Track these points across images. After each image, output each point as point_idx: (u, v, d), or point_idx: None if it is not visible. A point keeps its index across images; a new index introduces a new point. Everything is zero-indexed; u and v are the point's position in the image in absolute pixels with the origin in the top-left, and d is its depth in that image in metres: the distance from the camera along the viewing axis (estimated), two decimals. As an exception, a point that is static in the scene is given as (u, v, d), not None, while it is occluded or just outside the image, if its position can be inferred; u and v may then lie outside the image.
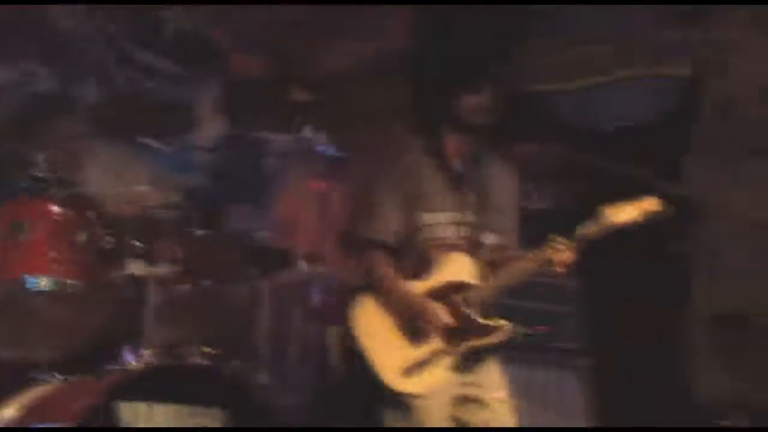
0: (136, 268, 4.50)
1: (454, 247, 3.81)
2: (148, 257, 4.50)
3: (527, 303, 4.80)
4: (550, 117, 5.94)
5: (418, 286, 3.78)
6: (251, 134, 5.78)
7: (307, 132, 5.11)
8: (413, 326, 3.70)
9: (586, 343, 5.05)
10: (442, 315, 3.71)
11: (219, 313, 4.79)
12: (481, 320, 3.72)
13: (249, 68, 5.93)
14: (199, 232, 4.69)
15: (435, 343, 3.69)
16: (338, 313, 4.09)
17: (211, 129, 5.79)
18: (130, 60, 5.68)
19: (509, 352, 4.15)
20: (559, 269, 3.70)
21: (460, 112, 3.81)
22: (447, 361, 3.69)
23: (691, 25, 5.58)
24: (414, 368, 3.66)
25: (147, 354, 4.40)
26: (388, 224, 3.81)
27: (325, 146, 5.26)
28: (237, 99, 5.52)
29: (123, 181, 4.98)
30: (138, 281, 4.52)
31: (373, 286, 3.81)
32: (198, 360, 4.53)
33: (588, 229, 3.69)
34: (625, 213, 3.69)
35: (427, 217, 3.80)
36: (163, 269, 4.52)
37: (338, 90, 5.37)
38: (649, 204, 3.70)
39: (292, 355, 4.75)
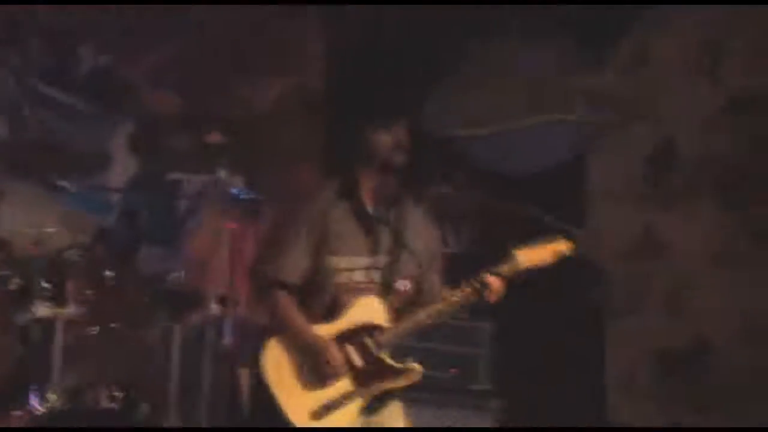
0: (43, 309, 4.52)
1: (365, 291, 3.77)
2: (56, 299, 4.53)
3: (439, 345, 4.87)
4: (464, 162, 5.99)
5: (325, 329, 3.73)
6: (164, 174, 5.74)
7: (221, 173, 5.09)
8: (319, 369, 3.68)
9: (499, 385, 5.11)
10: (350, 357, 3.69)
11: (129, 355, 4.80)
12: (391, 363, 3.72)
13: (162, 106, 5.94)
14: (109, 274, 4.72)
15: (343, 385, 3.68)
16: (249, 355, 4.08)
17: (123, 169, 5.78)
18: (41, 99, 5.68)
19: (422, 394, 4.25)
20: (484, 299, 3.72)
21: (373, 151, 3.79)
22: (356, 403, 3.69)
23: (600, 71, 5.77)
24: (322, 411, 3.65)
25: (54, 398, 4.42)
26: (297, 265, 3.77)
27: (239, 188, 5.27)
28: (150, 138, 5.52)
29: (31, 221, 4.97)
30: (45, 323, 4.54)
31: (279, 328, 3.77)
32: (106, 404, 4.55)
33: (500, 271, 3.73)
34: (536, 255, 3.75)
35: (338, 261, 3.77)
36: (71, 311, 4.55)
37: (253, 131, 5.40)
38: (559, 246, 3.77)
39: (203, 397, 4.73)
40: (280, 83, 6.15)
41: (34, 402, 4.44)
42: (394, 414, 3.84)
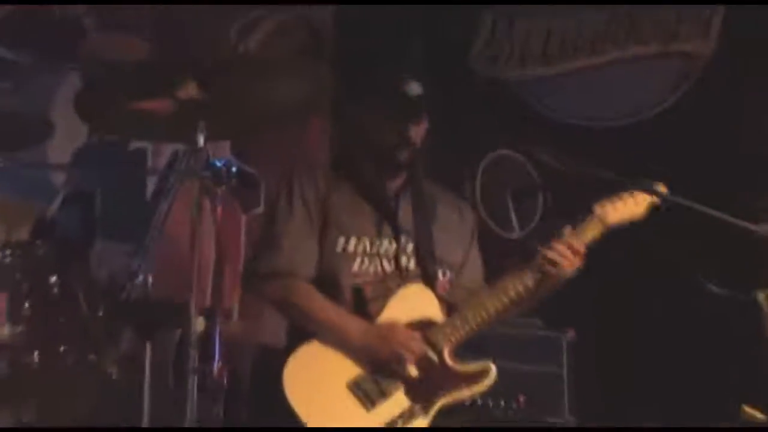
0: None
1: (397, 281, 3.71)
2: (-16, 317, 4.31)
3: (502, 363, 4.22)
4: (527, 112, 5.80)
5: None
6: (124, 143, 5.63)
7: (200, 139, 4.53)
8: (377, 373, 3.54)
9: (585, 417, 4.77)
10: (416, 346, 3.56)
11: (83, 389, 4.51)
12: (455, 366, 3.59)
13: (118, 53, 5.76)
14: (54, 280, 4.41)
15: (399, 401, 3.53)
16: (247, 385, 4.07)
17: (68, 137, 5.56)
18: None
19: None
20: (561, 274, 3.64)
21: (369, 144, 3.81)
22: (419, 421, 3.53)
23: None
24: None
25: (-17, 450, 4.22)
26: (301, 251, 3.73)
27: (224, 158, 4.69)
28: (103, 96, 4.83)
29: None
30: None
31: (310, 330, 3.63)
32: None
33: (578, 235, 3.67)
34: (624, 208, 3.72)
35: (350, 242, 3.73)
36: (4, 332, 4.25)
37: (240, 80, 4.74)
38: (654, 192, 3.70)
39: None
40: (274, 17, 6.05)
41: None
42: None
